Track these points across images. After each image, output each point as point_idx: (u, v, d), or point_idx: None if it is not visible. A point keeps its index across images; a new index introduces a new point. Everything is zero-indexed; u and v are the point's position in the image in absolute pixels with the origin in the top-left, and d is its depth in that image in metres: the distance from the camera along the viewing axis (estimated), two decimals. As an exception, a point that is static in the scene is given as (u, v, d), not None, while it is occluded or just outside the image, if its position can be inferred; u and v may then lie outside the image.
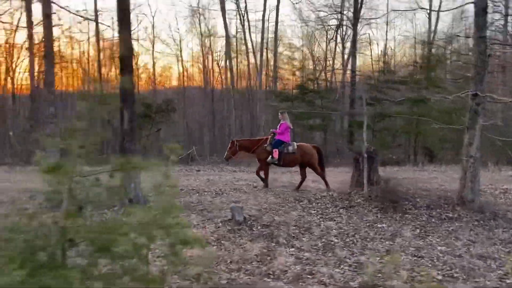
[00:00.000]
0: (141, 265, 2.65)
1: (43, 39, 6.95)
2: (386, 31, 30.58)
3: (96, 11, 22.57)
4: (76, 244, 2.62)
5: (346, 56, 27.31)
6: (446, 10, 33.13)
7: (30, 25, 20.51)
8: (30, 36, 20.57)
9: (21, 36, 24.76)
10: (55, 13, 9.81)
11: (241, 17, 28.98)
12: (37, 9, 25.75)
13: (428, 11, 27.81)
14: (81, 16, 19.21)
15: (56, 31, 21.71)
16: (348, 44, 26.91)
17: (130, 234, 2.57)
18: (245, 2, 28.53)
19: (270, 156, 8.93)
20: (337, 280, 4.23)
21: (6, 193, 8.54)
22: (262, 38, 28.52)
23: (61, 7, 7.57)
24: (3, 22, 22.81)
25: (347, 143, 18.99)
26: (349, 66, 23.52)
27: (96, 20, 22.21)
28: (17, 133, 17.32)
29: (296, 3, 37.92)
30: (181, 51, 30.58)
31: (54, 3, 6.92)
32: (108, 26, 25.01)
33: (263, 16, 27.99)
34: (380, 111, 15.42)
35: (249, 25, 29.19)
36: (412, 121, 16.55)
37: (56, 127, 6.81)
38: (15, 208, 3.02)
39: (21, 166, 13.62)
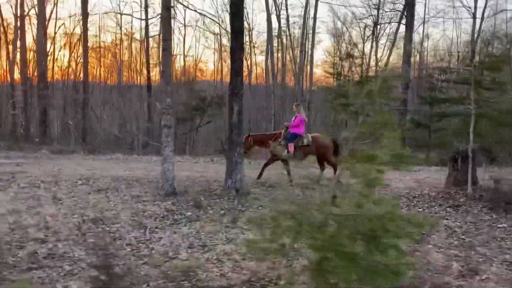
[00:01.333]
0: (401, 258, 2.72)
1: (161, 32, 7.05)
2: (423, 30, 30.05)
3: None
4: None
5: (379, 54, 27.22)
6: None
7: (85, 16, 20.94)
8: (85, 28, 20.99)
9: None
10: (173, 6, 9.96)
11: (278, 12, 28.97)
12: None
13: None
14: (195, 11, 19.26)
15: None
16: (381, 42, 26.90)
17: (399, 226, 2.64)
18: (285, -1, 28.52)
19: (286, 150, 8.72)
20: (502, 278, 4.24)
21: (102, 180, 8.79)
22: (303, 34, 28.56)
23: (178, 1, 7.64)
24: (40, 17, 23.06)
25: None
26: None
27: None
28: (75, 122, 17.72)
29: (334, -2, 37.96)
30: (220, 45, 30.73)
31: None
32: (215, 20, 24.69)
33: (305, 12, 28.00)
34: (443, 110, 15.22)
35: (287, 21, 29.21)
36: (469, 121, 16.21)
37: (172, 117, 6.93)
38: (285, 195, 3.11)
39: (86, 154, 13.96)
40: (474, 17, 28.86)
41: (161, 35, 20.33)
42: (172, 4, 6.82)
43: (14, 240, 4.72)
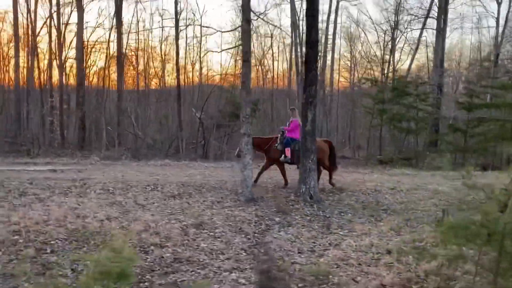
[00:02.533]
0: None
1: (240, 43, 7.31)
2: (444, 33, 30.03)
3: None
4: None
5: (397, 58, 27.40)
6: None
7: (119, 26, 21.35)
8: (119, 37, 21.38)
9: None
10: (255, 19, 10.24)
11: (297, 19, 29.29)
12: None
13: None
14: (273, 25, 19.47)
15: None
16: (399, 46, 27.18)
17: None
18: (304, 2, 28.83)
19: (283, 155, 8.73)
20: None
21: (169, 186, 9.01)
22: (326, 39, 28.83)
23: (255, 13, 7.78)
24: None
25: (427, 147, 18.87)
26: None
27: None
28: (114, 128, 18.07)
29: (355, 4, 38.37)
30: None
31: (252, 11, 7.30)
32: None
33: (328, 18, 28.28)
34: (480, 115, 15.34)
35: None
36: (507, 127, 16.28)
37: (251, 126, 7.15)
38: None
39: (137, 161, 14.19)
40: (497, 22, 28.96)
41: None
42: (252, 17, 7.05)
43: (134, 245, 4.93)
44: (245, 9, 7.06)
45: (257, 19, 14.25)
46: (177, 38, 23.72)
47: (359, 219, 6.53)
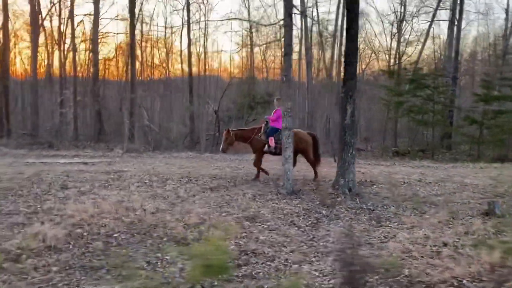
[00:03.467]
0: None
1: (283, 37, 7.32)
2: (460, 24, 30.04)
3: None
4: None
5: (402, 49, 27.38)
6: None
7: (132, 17, 21.30)
8: (132, 29, 21.34)
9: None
10: (296, 13, 10.07)
11: (304, 8, 29.09)
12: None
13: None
14: (311, 19, 19.41)
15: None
16: (405, 37, 27.15)
17: None
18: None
19: (266, 145, 8.72)
20: None
21: (202, 178, 9.09)
22: (335, 30, 28.78)
23: (297, 8, 7.65)
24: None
25: (440, 139, 18.95)
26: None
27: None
28: (131, 120, 18.08)
29: (363, -5, 38.05)
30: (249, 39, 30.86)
31: (295, 7, 7.32)
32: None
33: (337, 8, 28.18)
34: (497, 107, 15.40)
35: (318, 16, 29.42)
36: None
37: (292, 119, 7.21)
38: None
39: (155, 153, 14.28)
40: (507, 12, 28.90)
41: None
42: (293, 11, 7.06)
43: (196, 238, 5.01)
44: (288, 4, 7.07)
45: (301, 14, 14.23)
46: (188, 29, 23.70)
47: (404, 212, 6.60)
